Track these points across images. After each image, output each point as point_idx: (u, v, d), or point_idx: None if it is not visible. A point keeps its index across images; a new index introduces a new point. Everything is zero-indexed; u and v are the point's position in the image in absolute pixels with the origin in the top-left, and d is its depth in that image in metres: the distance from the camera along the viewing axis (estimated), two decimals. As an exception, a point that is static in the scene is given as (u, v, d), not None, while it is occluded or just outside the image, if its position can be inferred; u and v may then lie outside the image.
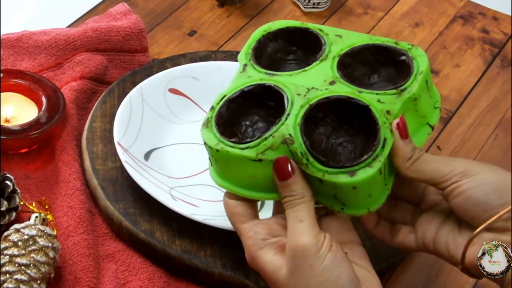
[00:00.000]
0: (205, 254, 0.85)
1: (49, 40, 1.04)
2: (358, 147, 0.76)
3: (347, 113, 0.76)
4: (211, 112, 0.80)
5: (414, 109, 0.77)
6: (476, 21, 1.23)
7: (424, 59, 0.79)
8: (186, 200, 0.88)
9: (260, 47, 0.84)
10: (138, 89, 0.97)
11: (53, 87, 0.97)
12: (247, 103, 0.80)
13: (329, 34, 0.84)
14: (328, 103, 0.76)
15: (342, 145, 0.76)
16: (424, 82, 0.77)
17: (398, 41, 0.82)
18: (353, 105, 0.75)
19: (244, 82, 0.81)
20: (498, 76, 1.15)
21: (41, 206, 0.88)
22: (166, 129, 0.96)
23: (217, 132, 0.78)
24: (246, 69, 0.82)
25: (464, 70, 1.16)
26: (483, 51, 1.19)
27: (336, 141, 0.76)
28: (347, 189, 0.73)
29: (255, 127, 0.80)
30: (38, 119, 0.94)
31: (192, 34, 1.15)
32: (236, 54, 1.07)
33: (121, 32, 1.06)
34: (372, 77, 0.81)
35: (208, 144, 0.77)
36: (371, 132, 0.74)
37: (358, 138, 0.76)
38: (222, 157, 0.76)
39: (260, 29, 0.86)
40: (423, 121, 0.78)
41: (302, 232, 0.71)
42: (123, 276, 0.85)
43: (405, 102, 0.76)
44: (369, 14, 1.22)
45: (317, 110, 0.76)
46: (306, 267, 0.70)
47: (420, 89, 0.77)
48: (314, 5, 1.20)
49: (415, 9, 1.24)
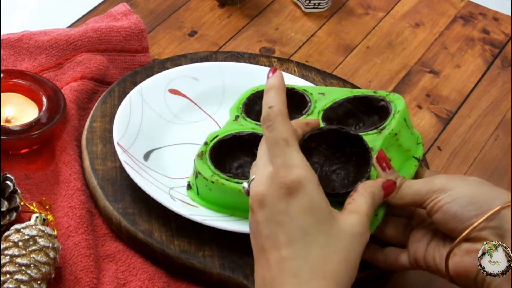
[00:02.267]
0: (204, 255, 0.85)
1: (49, 40, 1.04)
2: (351, 174, 0.81)
3: (339, 143, 0.81)
4: (205, 146, 0.89)
5: (397, 144, 0.84)
6: (476, 22, 1.23)
7: (401, 101, 0.87)
8: (185, 200, 0.88)
9: (249, 104, 0.95)
10: (138, 90, 0.97)
11: (53, 87, 0.97)
12: (236, 147, 0.88)
13: (313, 94, 0.92)
14: (321, 134, 0.81)
15: (336, 172, 0.82)
16: (402, 119, 0.85)
17: (376, 91, 0.90)
18: (344, 135, 0.81)
19: (236, 128, 0.91)
20: (499, 76, 1.15)
21: (41, 207, 0.88)
22: (166, 130, 0.96)
23: (211, 165, 0.87)
24: (238, 120, 0.92)
25: (465, 71, 1.16)
26: (483, 52, 1.19)
27: (330, 169, 0.81)
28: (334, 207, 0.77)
29: (245, 168, 0.88)
30: (38, 119, 0.94)
31: (192, 34, 1.15)
32: (236, 55, 1.07)
33: (122, 32, 1.06)
34: (357, 126, 0.88)
35: (203, 175, 0.86)
36: (363, 160, 0.80)
37: (350, 165, 0.81)
38: (216, 188, 0.85)
39: (249, 89, 0.96)
40: (408, 154, 0.86)
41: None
42: (123, 277, 0.85)
43: (386, 139, 0.83)
44: (369, 15, 1.22)
45: (311, 140, 0.80)
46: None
47: (399, 126, 0.85)
48: (315, 5, 1.20)
49: (415, 10, 1.24)
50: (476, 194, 0.76)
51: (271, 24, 1.18)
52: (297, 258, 0.70)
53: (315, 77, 1.06)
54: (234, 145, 0.89)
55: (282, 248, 0.70)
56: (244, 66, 1.04)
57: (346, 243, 0.71)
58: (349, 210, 0.74)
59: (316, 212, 0.71)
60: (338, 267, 0.70)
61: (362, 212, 0.74)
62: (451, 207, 0.76)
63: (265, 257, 0.71)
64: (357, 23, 1.21)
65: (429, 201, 0.78)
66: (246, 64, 1.04)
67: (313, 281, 0.69)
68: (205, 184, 0.86)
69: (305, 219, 0.70)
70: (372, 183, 0.77)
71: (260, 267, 0.72)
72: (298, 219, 0.70)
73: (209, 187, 0.86)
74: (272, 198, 0.71)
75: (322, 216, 0.71)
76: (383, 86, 1.11)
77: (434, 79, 1.14)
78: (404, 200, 0.79)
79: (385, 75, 1.14)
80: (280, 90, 0.76)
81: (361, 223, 0.73)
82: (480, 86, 1.14)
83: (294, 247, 0.70)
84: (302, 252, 0.70)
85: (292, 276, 0.70)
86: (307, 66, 1.07)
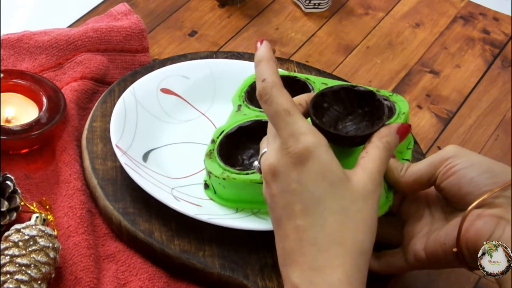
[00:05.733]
0: (204, 255, 0.85)
1: (49, 40, 1.04)
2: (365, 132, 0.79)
3: (351, 102, 0.80)
4: (212, 144, 0.89)
5: None
6: (476, 22, 1.23)
7: (405, 104, 0.88)
8: (189, 200, 0.88)
9: (252, 91, 0.93)
10: (131, 90, 0.97)
11: (53, 87, 0.97)
12: (244, 138, 0.88)
13: (316, 82, 0.92)
14: (332, 92, 0.80)
15: (348, 133, 0.80)
16: (405, 121, 0.86)
17: (379, 90, 0.90)
18: (356, 92, 0.80)
19: (241, 119, 0.90)
20: (499, 76, 1.15)
21: (41, 207, 0.88)
22: (161, 130, 0.96)
23: (221, 162, 0.87)
24: (241, 109, 0.92)
25: (465, 71, 1.16)
26: (483, 52, 1.19)
27: (343, 130, 0.80)
28: None
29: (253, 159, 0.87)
30: (38, 119, 0.94)
31: (192, 34, 1.15)
32: (237, 55, 1.07)
33: (122, 32, 1.06)
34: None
35: (214, 174, 0.86)
36: (377, 116, 0.78)
37: (363, 125, 0.80)
38: (229, 184, 0.85)
39: (250, 76, 0.95)
40: (400, 156, 0.86)
41: None
42: (124, 277, 0.85)
43: None
44: (369, 15, 1.22)
45: (323, 100, 0.79)
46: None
47: None
48: (315, 5, 1.20)
49: (415, 10, 1.24)
50: (491, 163, 0.78)
51: (271, 24, 1.18)
52: (314, 227, 0.70)
53: (315, 77, 1.06)
54: (242, 136, 0.89)
55: (298, 217, 0.71)
56: (233, 62, 1.04)
57: (361, 204, 0.71)
58: (362, 166, 0.74)
59: (329, 176, 0.71)
60: (356, 230, 0.70)
61: (374, 169, 0.73)
62: (469, 172, 0.77)
63: (283, 228, 0.72)
64: (357, 23, 1.21)
65: (443, 167, 0.78)
66: (234, 61, 1.04)
67: (332, 248, 0.70)
68: (218, 183, 0.86)
69: (318, 185, 0.70)
70: (387, 132, 0.77)
71: (280, 238, 0.72)
72: (311, 186, 0.70)
73: (223, 184, 0.86)
74: (283, 169, 0.71)
75: (336, 179, 0.71)
76: (383, 86, 1.11)
77: (434, 79, 1.14)
78: (415, 175, 0.80)
79: (385, 75, 1.14)
80: (270, 61, 0.75)
81: (373, 181, 0.73)
82: (480, 86, 1.14)
83: (310, 215, 0.70)
84: (318, 220, 0.70)
85: (311, 244, 0.70)
86: (307, 66, 1.07)
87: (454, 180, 0.78)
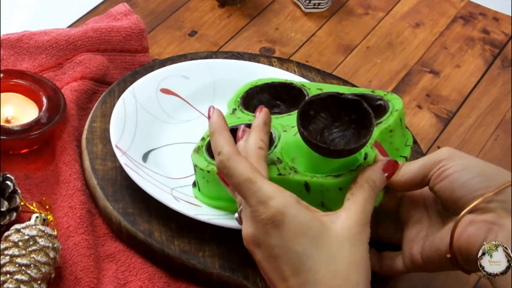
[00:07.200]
0: (204, 255, 0.85)
1: (49, 40, 1.04)
2: (352, 140, 0.79)
3: (337, 110, 0.80)
4: (202, 141, 0.89)
5: (389, 141, 0.85)
6: (476, 22, 1.23)
7: (399, 101, 0.88)
8: (188, 200, 0.88)
9: (248, 97, 0.94)
10: (131, 91, 0.97)
11: (53, 87, 0.97)
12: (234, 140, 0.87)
13: (311, 88, 0.92)
14: (319, 100, 0.80)
15: (335, 140, 0.80)
16: (398, 119, 0.86)
17: (374, 90, 0.90)
18: (343, 100, 0.79)
19: (234, 121, 0.91)
20: (499, 76, 1.16)
21: (41, 207, 0.88)
22: (161, 130, 0.96)
23: (208, 157, 0.86)
24: (235, 113, 0.92)
25: (465, 71, 1.16)
26: (483, 52, 1.19)
27: (329, 138, 0.80)
28: (333, 192, 0.78)
29: None
30: (38, 119, 0.94)
31: (192, 34, 1.15)
32: (236, 55, 1.07)
33: (122, 32, 1.06)
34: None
35: (199, 167, 0.86)
36: (364, 124, 0.78)
37: (349, 132, 0.80)
38: (212, 178, 0.84)
39: (248, 84, 0.95)
40: (396, 153, 0.86)
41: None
42: (124, 277, 0.85)
43: (382, 133, 0.83)
44: (369, 15, 1.22)
45: (309, 107, 0.79)
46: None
47: (395, 123, 0.85)
48: (315, 5, 1.20)
49: (415, 10, 1.25)
50: (485, 167, 0.76)
51: (271, 24, 1.18)
52: (307, 283, 0.70)
53: (315, 77, 1.06)
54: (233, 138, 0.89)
55: (290, 278, 0.71)
56: (233, 62, 1.04)
57: (349, 248, 0.71)
58: (346, 208, 0.74)
59: (308, 231, 0.71)
60: (348, 274, 0.70)
61: (358, 210, 0.73)
62: (461, 175, 0.76)
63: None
64: (357, 23, 1.21)
65: (436, 169, 0.77)
66: (234, 61, 1.04)
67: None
68: (202, 176, 0.86)
69: (300, 243, 0.71)
70: (372, 171, 0.77)
71: None
72: (294, 246, 0.71)
73: (206, 178, 0.86)
74: (262, 236, 0.72)
75: (315, 232, 0.71)
76: (383, 86, 1.11)
77: (434, 79, 1.14)
78: (407, 176, 0.79)
79: (385, 75, 1.14)
80: (223, 131, 0.77)
81: (358, 222, 0.73)
82: (480, 86, 1.14)
83: (301, 273, 0.70)
84: (309, 276, 0.70)
85: None
86: (307, 66, 1.07)
87: (446, 184, 0.76)
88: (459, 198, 0.76)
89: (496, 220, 0.74)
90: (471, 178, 0.75)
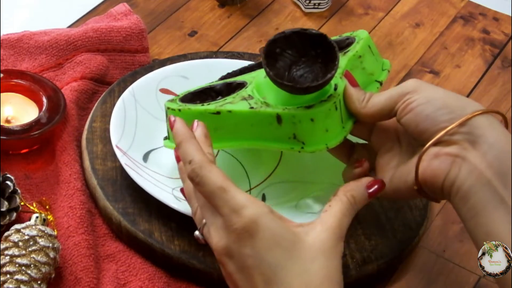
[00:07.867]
0: (204, 255, 0.85)
1: (49, 40, 1.04)
2: (320, 75, 0.80)
3: (303, 45, 0.81)
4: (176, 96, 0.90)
5: (361, 67, 0.85)
6: (476, 22, 1.23)
7: (363, 32, 0.89)
8: None
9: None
10: (130, 91, 0.97)
11: (53, 87, 0.97)
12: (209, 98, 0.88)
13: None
14: (284, 37, 0.80)
15: (303, 76, 0.81)
16: (366, 45, 0.86)
17: (341, 35, 0.91)
18: (308, 36, 0.80)
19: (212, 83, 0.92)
20: (499, 76, 1.15)
21: (41, 207, 0.88)
22: (161, 130, 0.96)
23: (179, 101, 0.87)
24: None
25: (465, 71, 1.16)
26: (483, 52, 1.19)
27: (297, 74, 0.81)
28: (305, 123, 0.79)
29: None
30: (38, 119, 0.94)
31: (192, 34, 1.15)
32: (236, 55, 1.07)
33: (122, 32, 1.06)
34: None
35: (171, 108, 0.85)
36: (330, 58, 0.79)
37: (317, 67, 0.80)
38: (184, 117, 0.78)
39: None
40: (371, 78, 0.86)
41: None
42: (124, 277, 0.85)
43: (351, 60, 0.84)
44: (369, 15, 1.22)
45: (274, 45, 0.80)
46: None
47: (363, 50, 0.85)
48: (315, 5, 1.20)
49: (415, 10, 1.25)
50: (448, 98, 0.76)
51: (271, 24, 1.18)
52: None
53: (315, 77, 1.06)
54: (207, 96, 0.88)
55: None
56: (233, 62, 1.04)
57: (323, 261, 0.70)
58: (322, 220, 0.72)
59: (281, 242, 0.70)
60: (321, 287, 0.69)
61: (333, 223, 0.72)
62: (425, 108, 0.75)
63: None
64: (357, 23, 1.21)
65: (401, 103, 0.77)
66: (234, 61, 1.04)
67: None
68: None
69: (274, 253, 0.69)
70: (354, 186, 0.76)
71: None
72: (267, 256, 0.69)
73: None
74: (235, 246, 0.70)
75: (289, 243, 0.70)
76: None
77: (434, 79, 1.14)
78: (374, 108, 0.79)
79: (385, 75, 1.14)
80: (189, 138, 0.74)
81: (332, 237, 0.71)
82: (480, 86, 1.14)
83: (273, 284, 0.69)
84: (282, 287, 0.69)
85: None
86: (307, 66, 1.07)
87: (411, 117, 0.76)
88: (424, 131, 0.76)
89: (460, 153, 0.74)
90: (435, 110, 0.75)
